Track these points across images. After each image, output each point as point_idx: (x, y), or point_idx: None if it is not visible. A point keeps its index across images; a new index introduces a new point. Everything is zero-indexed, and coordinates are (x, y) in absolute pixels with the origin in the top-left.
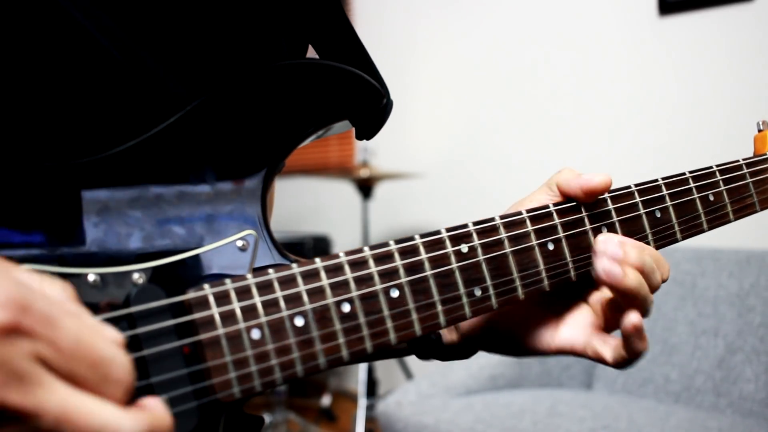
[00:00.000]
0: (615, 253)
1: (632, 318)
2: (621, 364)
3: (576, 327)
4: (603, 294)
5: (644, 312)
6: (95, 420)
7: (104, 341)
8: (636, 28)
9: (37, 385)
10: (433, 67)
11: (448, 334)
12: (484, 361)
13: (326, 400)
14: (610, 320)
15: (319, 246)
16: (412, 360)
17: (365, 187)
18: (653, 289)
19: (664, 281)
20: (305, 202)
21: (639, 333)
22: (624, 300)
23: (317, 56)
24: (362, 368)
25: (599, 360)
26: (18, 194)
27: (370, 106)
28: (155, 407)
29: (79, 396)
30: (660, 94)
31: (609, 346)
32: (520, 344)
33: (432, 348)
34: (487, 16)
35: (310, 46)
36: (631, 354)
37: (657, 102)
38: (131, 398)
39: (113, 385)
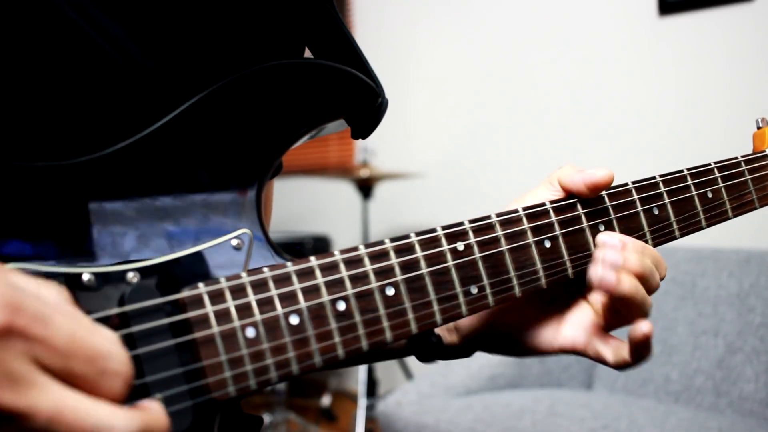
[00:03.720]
0: (613, 260)
1: (643, 328)
2: (622, 366)
3: (577, 326)
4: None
5: (643, 315)
6: (88, 420)
7: (100, 336)
8: (636, 28)
9: (29, 385)
10: (433, 67)
11: (449, 336)
12: (484, 361)
13: (326, 400)
14: (610, 320)
15: (319, 246)
16: (412, 360)
17: (365, 187)
18: (652, 290)
19: (661, 279)
20: (305, 202)
21: (647, 342)
22: (620, 305)
23: (312, 56)
24: (362, 368)
25: (600, 361)
26: (11, 194)
27: (365, 105)
28: (151, 407)
29: (73, 395)
30: (660, 94)
31: (610, 348)
32: (521, 344)
33: (433, 351)
34: (487, 16)
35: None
36: (635, 359)
37: (657, 102)
38: (128, 397)
39: (112, 379)
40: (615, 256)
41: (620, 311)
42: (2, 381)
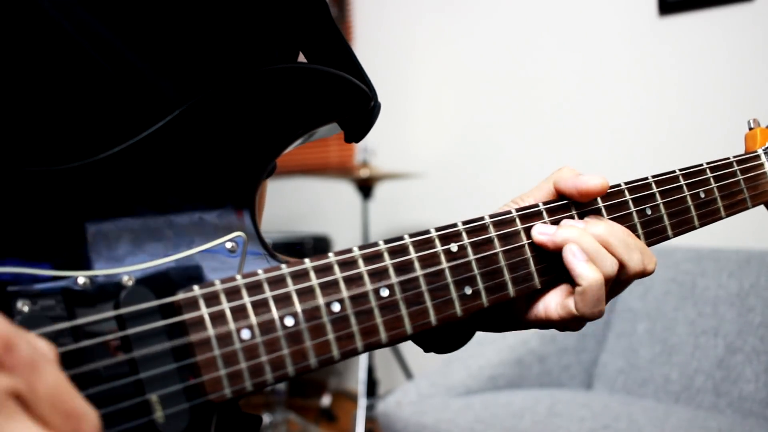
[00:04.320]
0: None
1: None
2: (581, 304)
3: (552, 295)
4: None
5: (609, 277)
6: None
7: (79, 398)
8: (636, 28)
9: (9, 418)
10: (433, 67)
11: None
12: (484, 361)
13: (326, 400)
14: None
15: (319, 246)
16: (412, 360)
17: (365, 187)
18: (630, 271)
19: (647, 273)
20: (305, 202)
21: (575, 257)
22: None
23: (305, 60)
24: (362, 368)
25: (569, 315)
26: (3, 199)
27: (357, 109)
28: None
29: None
30: (660, 94)
31: (571, 297)
32: (510, 318)
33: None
34: (487, 17)
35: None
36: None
37: (657, 102)
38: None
39: None
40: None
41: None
42: None
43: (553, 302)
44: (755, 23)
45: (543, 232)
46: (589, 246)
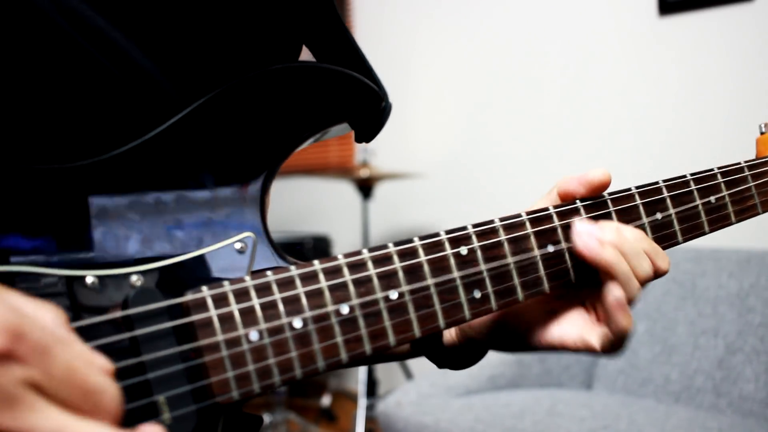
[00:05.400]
0: (592, 230)
1: (614, 291)
2: (608, 348)
3: (568, 322)
4: (597, 294)
5: (629, 294)
6: None
7: (95, 370)
8: (636, 28)
9: (29, 408)
10: (433, 67)
11: (448, 335)
12: (484, 361)
13: (326, 400)
14: (601, 318)
15: (319, 246)
16: (412, 360)
17: (365, 187)
18: (642, 276)
19: (660, 274)
20: (305, 202)
21: (621, 307)
22: (607, 277)
23: (313, 59)
24: (362, 368)
25: (588, 349)
26: (19, 197)
27: (368, 109)
28: (152, 430)
29: (72, 418)
30: (660, 94)
31: (596, 333)
32: (524, 341)
33: (436, 352)
34: (488, 16)
35: (305, 48)
36: (615, 332)
37: (657, 102)
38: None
39: (103, 414)
40: (592, 227)
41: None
42: (2, 404)
43: (572, 334)
44: (755, 23)
45: (588, 246)
46: (624, 273)
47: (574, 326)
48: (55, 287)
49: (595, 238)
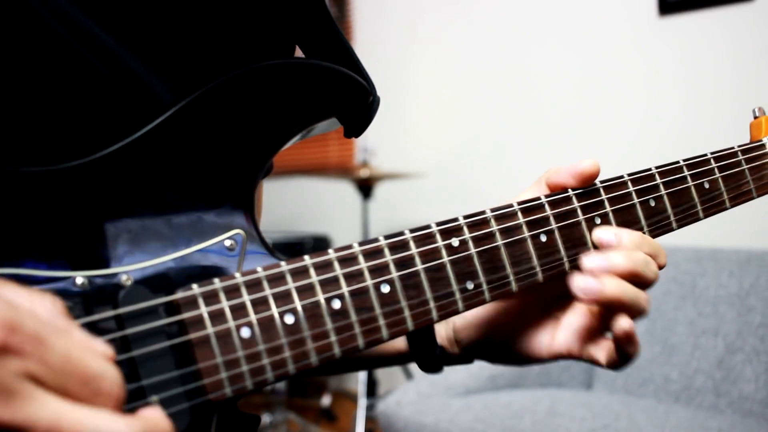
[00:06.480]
0: (595, 266)
1: (622, 323)
2: (614, 366)
3: (571, 331)
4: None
5: (639, 312)
6: (87, 426)
7: (93, 356)
8: (636, 28)
9: (27, 399)
10: (433, 66)
11: (450, 348)
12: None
13: (326, 400)
14: (604, 321)
15: (319, 246)
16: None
17: (365, 187)
18: (647, 283)
19: (661, 268)
20: (305, 202)
21: (629, 338)
22: (613, 309)
23: (303, 55)
24: None
25: (594, 362)
26: (6, 200)
27: (356, 104)
28: (152, 415)
29: (70, 406)
30: (660, 94)
31: (602, 349)
32: (519, 352)
33: (436, 361)
34: (487, 16)
35: (297, 48)
36: (622, 358)
37: (657, 102)
38: (125, 405)
39: (104, 399)
40: (598, 262)
41: (614, 311)
42: (0, 398)
43: (578, 349)
44: (755, 23)
45: (585, 288)
46: (631, 297)
47: (578, 335)
48: (45, 288)
49: (591, 278)
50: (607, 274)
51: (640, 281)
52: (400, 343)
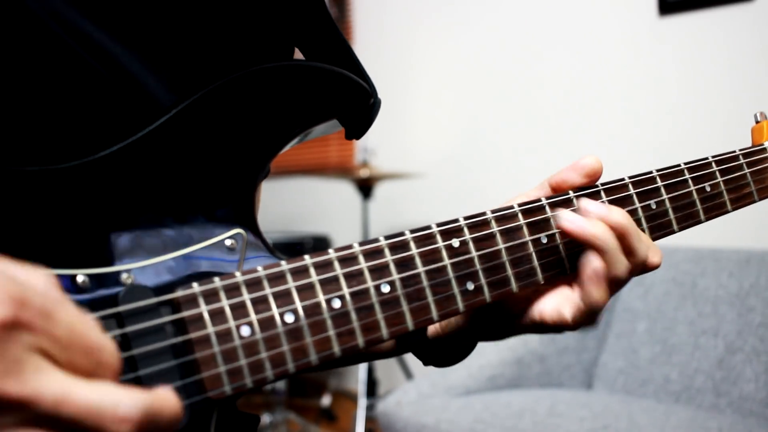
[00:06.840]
0: (594, 210)
1: (593, 261)
2: (578, 320)
3: (550, 299)
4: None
5: (614, 272)
6: (93, 399)
7: (92, 329)
8: (636, 28)
9: (35, 373)
10: (433, 67)
11: (431, 327)
12: (484, 361)
13: (326, 400)
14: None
15: (319, 246)
16: (412, 360)
17: (365, 187)
18: (636, 255)
19: (650, 267)
20: (305, 202)
21: (597, 278)
22: (593, 251)
23: (303, 57)
24: (362, 368)
25: (561, 322)
26: (2, 198)
27: (357, 106)
28: (159, 390)
29: (75, 380)
30: (660, 94)
31: (568, 304)
32: (508, 323)
33: (421, 346)
34: (487, 16)
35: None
36: (587, 303)
37: (657, 102)
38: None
39: (105, 369)
40: (597, 207)
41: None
42: (9, 371)
43: (549, 306)
44: (755, 23)
45: (572, 221)
46: (611, 247)
47: (553, 300)
48: None
49: (582, 215)
50: (599, 220)
51: (627, 247)
52: None
